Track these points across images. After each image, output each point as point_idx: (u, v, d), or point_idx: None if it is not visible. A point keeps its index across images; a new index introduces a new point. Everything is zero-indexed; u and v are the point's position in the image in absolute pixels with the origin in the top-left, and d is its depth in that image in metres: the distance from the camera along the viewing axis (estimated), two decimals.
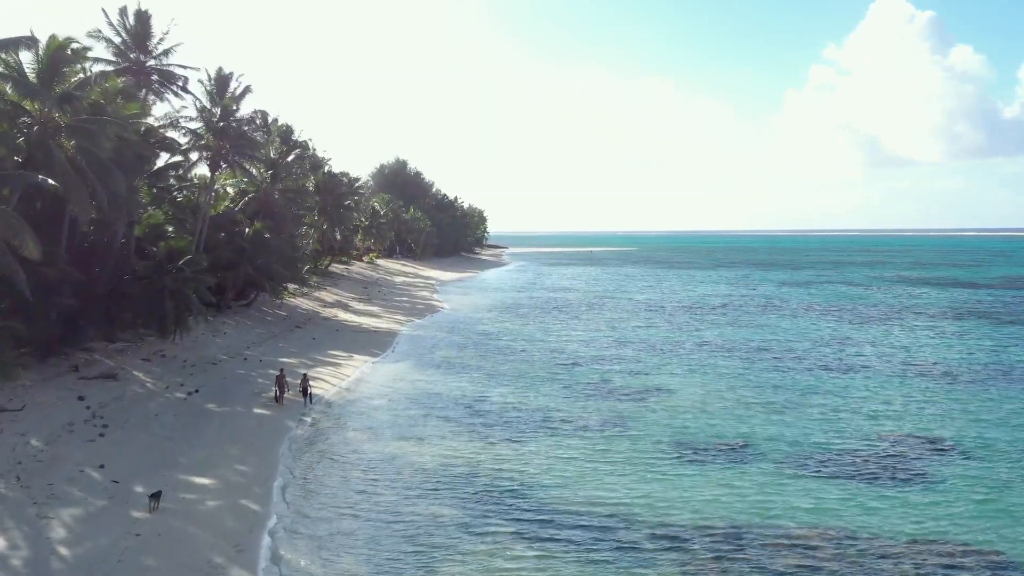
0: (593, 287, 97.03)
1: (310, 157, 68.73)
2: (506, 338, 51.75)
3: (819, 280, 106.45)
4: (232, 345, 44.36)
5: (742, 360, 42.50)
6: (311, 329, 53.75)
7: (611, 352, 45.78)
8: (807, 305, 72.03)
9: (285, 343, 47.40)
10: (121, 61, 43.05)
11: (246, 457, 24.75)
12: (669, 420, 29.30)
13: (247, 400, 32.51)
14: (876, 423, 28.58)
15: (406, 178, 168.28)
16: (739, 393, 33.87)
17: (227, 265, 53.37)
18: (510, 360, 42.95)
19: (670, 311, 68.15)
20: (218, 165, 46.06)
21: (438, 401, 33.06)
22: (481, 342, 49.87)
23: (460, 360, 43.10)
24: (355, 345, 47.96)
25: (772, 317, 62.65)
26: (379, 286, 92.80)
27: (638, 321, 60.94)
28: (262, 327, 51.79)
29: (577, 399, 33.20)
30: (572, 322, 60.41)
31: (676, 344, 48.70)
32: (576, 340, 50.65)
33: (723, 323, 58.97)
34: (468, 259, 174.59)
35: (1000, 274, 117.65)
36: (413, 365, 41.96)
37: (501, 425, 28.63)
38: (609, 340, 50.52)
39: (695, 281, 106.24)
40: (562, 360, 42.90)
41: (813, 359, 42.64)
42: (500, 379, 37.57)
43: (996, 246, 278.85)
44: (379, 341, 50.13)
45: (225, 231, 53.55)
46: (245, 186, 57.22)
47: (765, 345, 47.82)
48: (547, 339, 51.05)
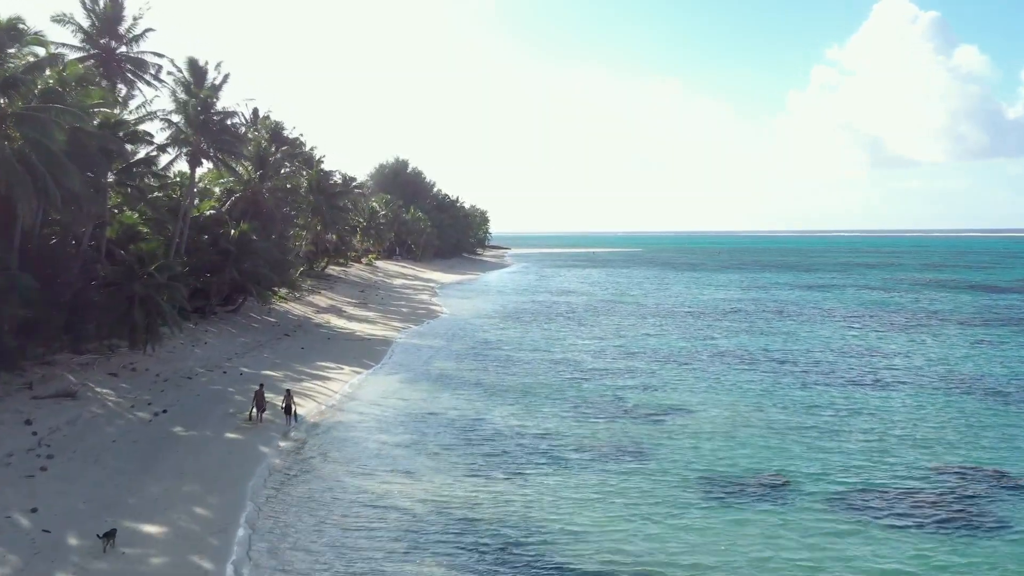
0: (598, 290, 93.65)
1: (302, 154, 65.33)
2: (508, 347, 48.34)
3: (832, 283, 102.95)
4: (212, 356, 41.00)
5: (764, 374, 39.05)
6: (301, 337, 50.39)
7: (621, 364, 42.37)
8: (824, 310, 68.54)
9: (271, 353, 44.04)
10: (90, 48, 39.65)
11: (208, 496, 21.37)
12: (692, 449, 25.87)
13: (220, 422, 29.14)
14: (931, 453, 25.14)
15: (406, 178, 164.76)
16: (768, 415, 30.40)
17: (211, 269, 50.19)
18: (512, 373, 39.55)
19: (680, 317, 64.74)
20: (198, 161, 42.70)
21: (433, 424, 29.65)
22: (481, 352, 46.47)
23: (458, 373, 39.71)
24: (347, 355, 44.61)
25: (789, 323, 59.19)
26: (377, 289, 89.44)
27: (647, 328, 57.53)
28: (248, 335, 48.44)
29: (587, 422, 29.78)
30: (578, 329, 57.01)
31: (690, 355, 45.27)
32: (583, 350, 47.23)
33: (738, 330, 55.53)
34: (470, 260, 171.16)
35: (1018, 276, 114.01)
36: (407, 379, 38.58)
37: (502, 456, 25.21)
38: (618, 350, 47.10)
39: (703, 284, 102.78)
40: (568, 374, 39.50)
41: (843, 373, 39.17)
42: (501, 396, 34.16)
43: (1004, 247, 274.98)
44: (372, 351, 46.75)
45: (209, 233, 50.25)
46: (232, 185, 53.86)
47: (787, 356, 44.35)
48: (552, 349, 47.64)
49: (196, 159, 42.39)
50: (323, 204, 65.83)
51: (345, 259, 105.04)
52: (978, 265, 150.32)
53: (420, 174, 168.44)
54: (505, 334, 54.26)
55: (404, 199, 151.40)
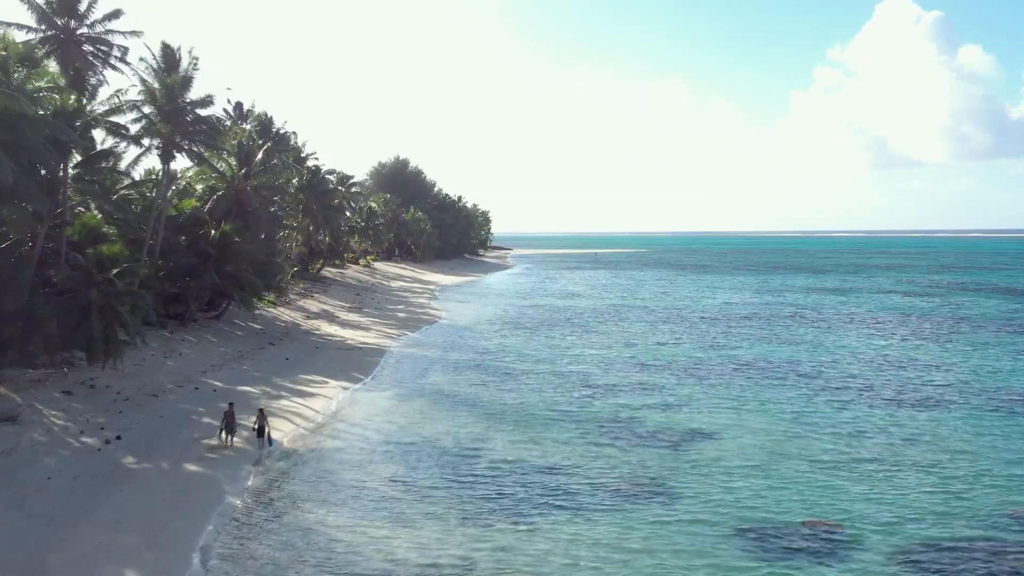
0: (603, 293, 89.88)
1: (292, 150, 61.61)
2: (509, 358, 44.61)
3: (847, 286, 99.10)
4: (185, 369, 37.33)
5: (795, 390, 35.28)
6: (287, 346, 46.72)
7: (632, 378, 38.64)
8: (845, 315, 64.73)
9: (252, 365, 40.36)
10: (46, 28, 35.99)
11: (147, 552, 17.68)
12: (726, 488, 22.11)
13: (181, 449, 25.47)
14: (1006, 492, 21.37)
15: (406, 177, 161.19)
16: (809, 443, 26.60)
17: (189, 273, 46.57)
18: (514, 390, 35.81)
19: (693, 322, 60.97)
20: (171, 155, 38.99)
21: (423, 453, 25.93)
22: (481, 363, 42.74)
23: (454, 389, 35.98)
24: (334, 367, 40.93)
25: (811, 331, 55.38)
26: (373, 292, 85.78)
27: (659, 335, 53.78)
28: (229, 345, 44.78)
29: (600, 451, 26.03)
30: (584, 337, 53.25)
31: (708, 367, 41.52)
32: (590, 361, 43.49)
33: (758, 338, 51.73)
34: (471, 262, 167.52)
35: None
36: (398, 395, 34.88)
37: (503, 498, 21.47)
38: (629, 362, 43.36)
39: (713, 287, 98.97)
40: (575, 390, 35.76)
41: (882, 389, 35.36)
42: (502, 419, 30.41)
43: (1013, 248, 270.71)
44: (363, 362, 43.05)
45: (187, 234, 46.60)
46: (214, 182, 50.20)
47: (816, 369, 40.58)
48: (557, 360, 43.89)
49: (168, 153, 38.69)
50: (314, 203, 62.05)
51: (342, 261, 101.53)
52: (993, 267, 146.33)
53: (420, 173, 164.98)
54: (507, 342, 50.54)
55: (404, 199, 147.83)
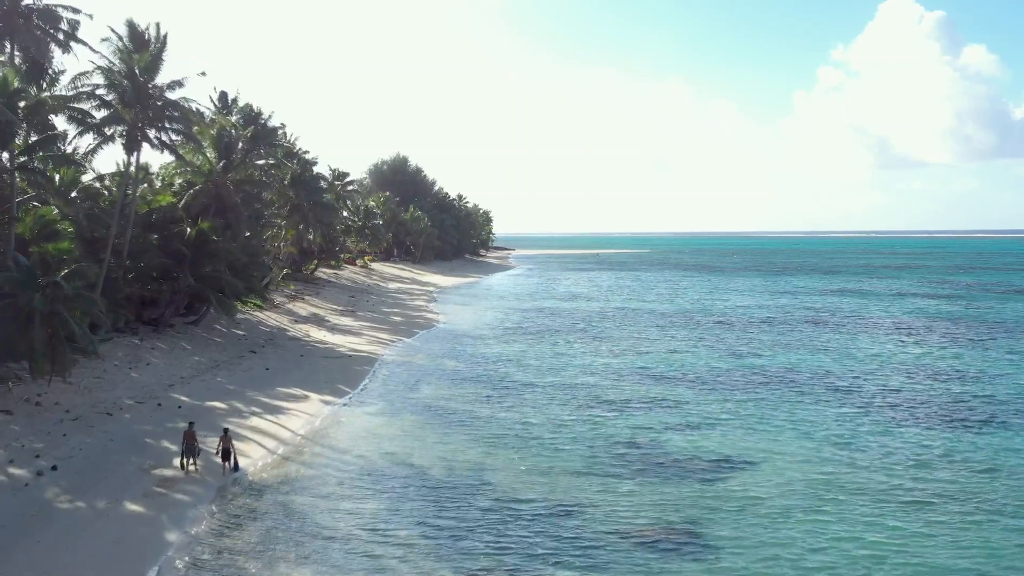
0: (609, 296, 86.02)
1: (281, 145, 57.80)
2: (510, 367, 40.81)
3: (864, 288, 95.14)
4: (151, 382, 33.57)
5: (832, 406, 31.43)
6: (269, 354, 42.95)
7: (647, 391, 34.84)
8: (869, 320, 60.83)
9: (227, 376, 36.59)
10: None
11: None
12: (771, 534, 18.28)
13: (126, 482, 21.73)
14: None
15: (406, 175, 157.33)
16: (863, 476, 22.68)
17: (162, 274, 42.85)
18: (516, 406, 31.98)
19: (706, 327, 57.14)
20: (136, 144, 35.22)
21: (410, 488, 22.15)
22: (479, 374, 38.93)
23: (449, 406, 32.16)
24: (318, 379, 37.17)
25: (837, 336, 51.50)
26: (368, 295, 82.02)
27: (671, 342, 49.97)
28: (205, 353, 41.01)
29: (616, 485, 22.22)
30: (591, 343, 49.42)
31: (729, 378, 37.69)
32: (599, 372, 39.68)
33: (780, 345, 47.87)
34: (472, 262, 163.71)
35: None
36: (387, 413, 31.09)
37: (501, 548, 17.66)
38: (641, 372, 39.54)
39: (724, 289, 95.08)
40: (585, 407, 31.92)
41: (933, 405, 31.44)
42: (501, 443, 26.59)
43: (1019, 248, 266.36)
44: (351, 373, 39.27)
45: (160, 232, 42.86)
46: (191, 176, 46.42)
47: (851, 380, 36.72)
48: (562, 370, 40.07)
49: (133, 141, 34.91)
50: (304, 200, 58.18)
51: (337, 261, 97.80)
52: (1007, 267, 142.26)
53: (420, 171, 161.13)
54: (507, 350, 46.71)
55: (403, 198, 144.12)
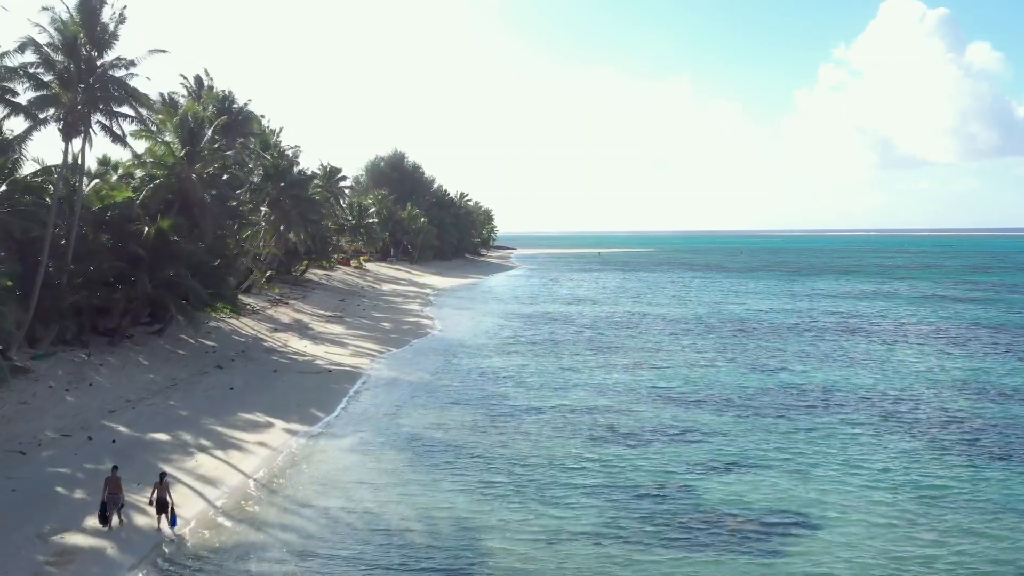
0: (615, 299, 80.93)
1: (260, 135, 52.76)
2: (509, 386, 35.80)
3: (885, 289, 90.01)
4: (89, 407, 28.65)
5: (898, 438, 26.34)
6: (238, 369, 38.03)
7: (669, 417, 29.83)
8: (904, 326, 55.67)
9: (182, 398, 31.63)
10: None
11: None
12: None
13: (10, 557, 16.75)
14: None
15: (404, 172, 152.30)
16: (970, 549, 17.68)
17: (118, 279, 37.91)
18: (516, 439, 26.95)
19: (723, 335, 52.14)
20: (75, 131, 30.24)
21: (383, 563, 17.12)
22: (474, 397, 33.87)
23: (438, 438, 27.14)
24: (289, 400, 32.25)
25: (870, 346, 46.46)
26: (360, 298, 77.11)
27: (687, 352, 44.99)
28: (163, 369, 36.06)
29: (646, 558, 17.20)
30: (599, 355, 44.41)
31: (760, 401, 32.65)
32: (611, 391, 34.66)
33: (809, 357, 42.81)
34: (472, 262, 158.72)
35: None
36: (362, 448, 26.11)
37: None
38: (658, 392, 34.52)
39: (736, 291, 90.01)
40: (595, 439, 26.88)
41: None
42: (500, 494, 21.55)
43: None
44: (328, 392, 34.32)
45: (113, 232, 37.94)
46: (153, 169, 41.49)
47: (904, 403, 31.65)
48: (569, 390, 35.05)
49: (72, 127, 29.93)
50: (284, 196, 53.10)
51: (329, 262, 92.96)
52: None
53: (418, 168, 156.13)
54: (507, 364, 41.69)
55: (401, 195, 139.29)
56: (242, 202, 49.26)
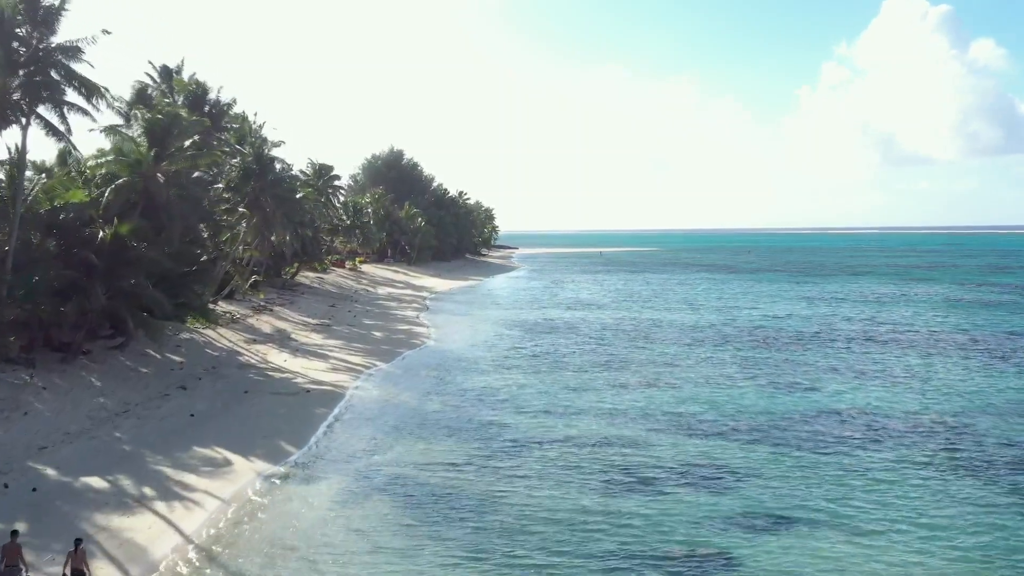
0: (622, 303, 76.71)
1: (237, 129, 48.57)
2: (508, 413, 31.64)
3: (906, 294, 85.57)
4: (16, 443, 24.57)
5: (976, 486, 22.14)
6: (204, 390, 33.96)
7: (691, 453, 25.71)
8: (936, 335, 51.33)
9: (132, 428, 27.55)
10: None
11: None
12: None
13: None
14: None
15: (401, 171, 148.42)
16: None
17: (67, 289, 33.80)
18: (513, 487, 22.76)
19: (742, 346, 47.98)
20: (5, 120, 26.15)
21: None
22: (466, 428, 29.67)
23: (421, 486, 22.97)
24: (256, 429, 28.20)
25: (906, 359, 42.22)
26: (352, 302, 73.03)
27: (705, 367, 40.91)
28: (118, 391, 31.94)
29: None
30: (609, 372, 40.28)
31: (797, 430, 28.48)
32: (622, 419, 30.52)
33: (841, 372, 38.61)
34: (473, 263, 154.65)
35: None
36: (333, 495, 22.02)
37: None
38: (677, 419, 30.35)
39: (747, 293, 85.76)
40: (609, 485, 22.70)
41: None
42: (489, 567, 17.43)
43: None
44: (302, 419, 30.23)
45: (64, 236, 33.85)
46: (117, 168, 37.43)
47: (974, 438, 27.35)
48: (574, 416, 30.90)
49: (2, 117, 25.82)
50: (264, 195, 48.90)
51: (321, 264, 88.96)
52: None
53: (417, 166, 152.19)
54: (505, 382, 37.55)
55: (399, 194, 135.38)
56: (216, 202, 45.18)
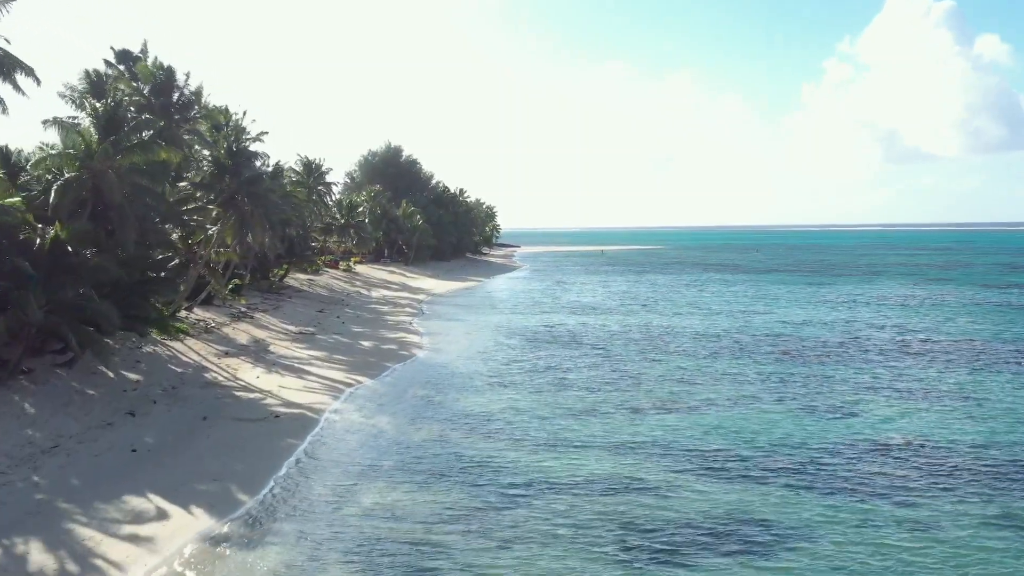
0: (627, 308, 72.21)
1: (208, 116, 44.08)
2: (503, 446, 27.25)
3: (934, 297, 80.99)
4: None
5: None
6: (158, 415, 29.66)
7: (720, 506, 21.31)
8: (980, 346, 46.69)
9: (58, 468, 23.26)
10: None
11: None
12: None
13: None
14: None
15: (399, 168, 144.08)
16: None
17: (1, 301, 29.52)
18: (511, 556, 18.41)
19: (764, 358, 43.61)
20: None
21: None
22: (454, 467, 25.24)
23: (395, 554, 18.59)
24: (207, 468, 23.91)
25: (954, 375, 37.74)
26: (343, 307, 68.77)
27: (725, 384, 36.55)
28: (51, 420, 27.58)
29: None
30: (618, 393, 35.88)
31: (845, 469, 24.11)
32: (637, 458, 26.14)
33: (883, 391, 34.19)
34: (473, 262, 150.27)
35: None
36: (280, 565, 17.64)
37: None
38: (701, 457, 25.95)
39: (761, 296, 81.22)
40: (627, 552, 18.36)
41: None
42: None
43: None
44: (264, 454, 25.91)
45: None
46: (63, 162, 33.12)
47: None
48: (580, 453, 26.52)
49: None
50: (241, 194, 44.47)
51: (312, 265, 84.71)
52: None
53: (415, 163, 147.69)
54: (501, 405, 33.16)
55: (397, 192, 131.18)
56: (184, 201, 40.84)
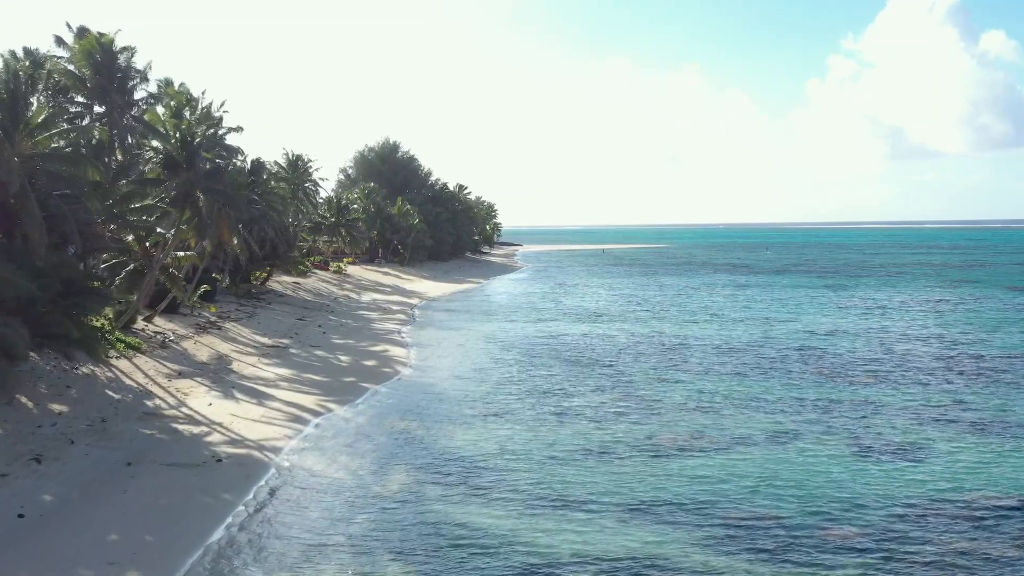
0: (636, 314, 66.68)
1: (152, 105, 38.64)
2: (494, 518, 21.73)
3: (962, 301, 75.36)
4: None
5: None
6: (68, 462, 24.23)
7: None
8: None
9: None
10: None
11: None
12: None
13: None
14: None
15: (396, 164, 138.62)
16: None
17: None
18: None
19: (795, 378, 38.24)
20: None
21: None
22: (431, 548, 19.79)
23: None
24: (108, 544, 18.53)
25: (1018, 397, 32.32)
26: (327, 313, 63.43)
27: (754, 412, 31.16)
28: None
29: None
30: (629, 424, 30.45)
31: (934, 544, 18.67)
32: (668, 530, 20.74)
33: (947, 423, 28.71)
34: (472, 262, 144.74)
35: None
36: None
37: None
38: (747, 530, 20.56)
39: (780, 300, 75.64)
40: None
41: None
42: None
43: None
44: (189, 520, 20.47)
45: None
46: None
47: None
48: (592, 527, 21.06)
49: None
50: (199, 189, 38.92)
51: (299, 268, 79.24)
52: None
53: (413, 159, 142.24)
54: (493, 445, 27.64)
55: (393, 190, 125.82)
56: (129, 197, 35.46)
